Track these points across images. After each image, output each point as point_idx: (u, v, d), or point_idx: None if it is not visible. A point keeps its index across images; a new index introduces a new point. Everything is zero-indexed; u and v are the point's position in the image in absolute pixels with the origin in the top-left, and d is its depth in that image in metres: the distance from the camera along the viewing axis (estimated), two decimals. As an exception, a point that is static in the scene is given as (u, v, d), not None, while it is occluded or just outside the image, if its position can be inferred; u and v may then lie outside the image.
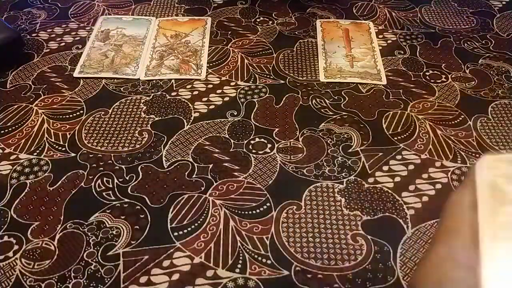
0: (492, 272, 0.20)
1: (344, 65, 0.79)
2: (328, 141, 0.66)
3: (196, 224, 0.56)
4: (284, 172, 0.62)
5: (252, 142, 0.66)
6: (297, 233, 0.56)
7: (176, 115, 0.70)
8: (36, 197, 0.59)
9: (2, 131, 0.67)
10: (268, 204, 0.58)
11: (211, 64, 0.79)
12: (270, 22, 0.89)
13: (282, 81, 0.76)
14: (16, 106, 0.71)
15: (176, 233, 0.55)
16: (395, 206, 0.58)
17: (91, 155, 0.64)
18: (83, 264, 0.53)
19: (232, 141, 0.66)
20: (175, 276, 0.52)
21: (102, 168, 0.62)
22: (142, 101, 0.72)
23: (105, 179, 0.61)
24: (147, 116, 0.70)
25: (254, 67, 0.78)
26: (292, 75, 0.77)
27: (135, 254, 0.54)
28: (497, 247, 0.20)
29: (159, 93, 0.74)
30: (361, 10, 0.92)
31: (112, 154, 0.64)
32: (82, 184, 0.61)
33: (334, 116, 0.70)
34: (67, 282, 0.51)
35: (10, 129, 0.68)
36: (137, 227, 0.56)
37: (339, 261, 0.53)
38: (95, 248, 0.54)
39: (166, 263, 0.53)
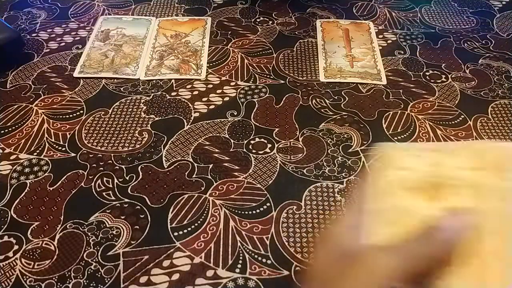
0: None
1: (344, 65, 0.79)
2: (328, 141, 0.66)
3: (196, 224, 0.56)
4: (284, 172, 0.62)
5: (252, 142, 0.66)
6: (297, 233, 0.56)
7: (176, 115, 0.70)
8: (36, 197, 0.59)
9: (2, 131, 0.67)
10: (268, 204, 0.58)
11: (211, 64, 0.79)
12: (270, 22, 0.89)
13: (282, 81, 0.76)
14: (16, 106, 0.71)
15: (176, 233, 0.55)
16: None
17: (91, 155, 0.64)
18: (83, 264, 0.53)
19: (232, 141, 0.66)
20: (175, 276, 0.52)
21: (102, 168, 0.62)
22: (142, 101, 0.72)
23: (105, 179, 0.61)
24: (147, 116, 0.70)
25: (254, 67, 0.78)
26: (292, 75, 0.77)
27: (135, 254, 0.54)
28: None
29: (159, 93, 0.74)
30: (361, 10, 0.92)
31: (112, 154, 0.64)
32: (82, 184, 0.61)
33: (334, 116, 0.70)
34: (67, 282, 0.51)
35: (10, 129, 0.68)
36: (137, 227, 0.56)
37: (339, 261, 0.53)
38: (95, 248, 0.54)
39: (166, 263, 0.53)
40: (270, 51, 0.82)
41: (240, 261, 0.53)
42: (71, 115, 0.70)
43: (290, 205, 0.58)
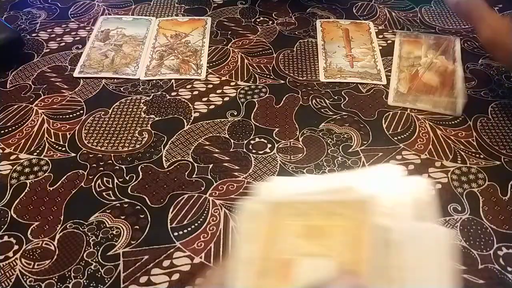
0: None
1: (344, 65, 0.79)
2: (328, 141, 0.66)
3: (196, 224, 0.56)
4: (284, 172, 0.62)
5: (252, 142, 0.66)
6: (297, 233, 0.55)
7: (176, 115, 0.70)
8: (36, 197, 0.59)
9: (2, 131, 0.67)
10: (268, 204, 0.58)
11: (211, 64, 0.79)
12: (270, 22, 0.89)
13: (282, 81, 0.76)
14: (16, 106, 0.71)
15: (176, 233, 0.55)
16: (395, 206, 0.58)
17: (91, 155, 0.64)
18: (83, 264, 0.53)
19: (232, 141, 0.66)
20: (175, 276, 0.52)
21: (102, 168, 0.62)
22: (142, 101, 0.72)
23: (105, 179, 0.61)
24: (147, 116, 0.70)
25: (254, 67, 0.78)
26: (292, 75, 0.77)
27: (135, 254, 0.54)
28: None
29: (159, 93, 0.74)
30: (361, 10, 0.92)
31: (112, 154, 0.64)
32: (82, 184, 0.61)
33: (334, 116, 0.70)
34: (67, 282, 0.51)
35: (10, 129, 0.68)
36: (137, 227, 0.56)
37: (339, 261, 0.53)
38: (95, 248, 0.54)
39: (166, 263, 0.53)
40: (270, 51, 0.82)
41: (240, 261, 0.53)
42: (71, 115, 0.70)
43: (290, 205, 0.58)
